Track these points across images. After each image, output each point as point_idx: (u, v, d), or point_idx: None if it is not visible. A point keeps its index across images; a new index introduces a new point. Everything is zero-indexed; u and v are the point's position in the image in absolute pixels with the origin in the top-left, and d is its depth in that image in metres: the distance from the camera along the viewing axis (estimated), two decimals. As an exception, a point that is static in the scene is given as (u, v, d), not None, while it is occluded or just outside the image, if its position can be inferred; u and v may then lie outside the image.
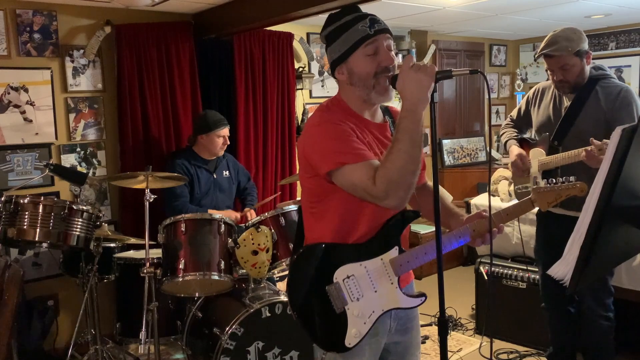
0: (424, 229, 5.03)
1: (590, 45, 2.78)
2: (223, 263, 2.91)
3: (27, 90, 3.57)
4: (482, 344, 3.63)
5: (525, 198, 1.77)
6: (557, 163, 2.62)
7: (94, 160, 3.87)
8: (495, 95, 6.56)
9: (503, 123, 3.10)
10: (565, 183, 1.72)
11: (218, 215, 3.03)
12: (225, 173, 3.75)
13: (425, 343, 3.71)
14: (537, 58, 2.69)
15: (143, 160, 3.82)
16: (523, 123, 3.00)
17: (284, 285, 1.81)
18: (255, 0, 3.63)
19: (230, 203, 3.81)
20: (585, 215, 1.19)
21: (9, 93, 3.52)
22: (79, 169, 3.75)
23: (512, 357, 3.50)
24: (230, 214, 3.55)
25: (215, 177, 3.66)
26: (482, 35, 6.18)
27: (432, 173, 1.64)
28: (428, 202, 1.84)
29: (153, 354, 2.95)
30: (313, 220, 1.76)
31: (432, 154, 1.97)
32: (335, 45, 1.70)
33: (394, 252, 1.69)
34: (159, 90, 3.92)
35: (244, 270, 2.98)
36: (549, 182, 1.75)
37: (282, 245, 3.00)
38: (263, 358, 2.87)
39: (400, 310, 1.76)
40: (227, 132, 3.64)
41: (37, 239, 2.74)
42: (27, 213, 2.71)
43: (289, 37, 4.54)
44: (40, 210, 2.71)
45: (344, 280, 1.67)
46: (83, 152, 3.81)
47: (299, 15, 3.52)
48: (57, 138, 3.70)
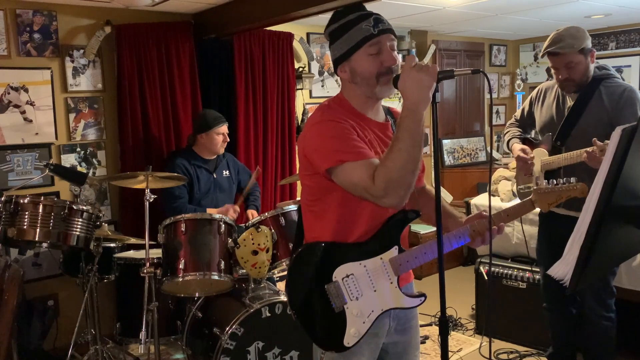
0: (424, 229, 5.03)
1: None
2: (223, 263, 2.91)
3: (27, 90, 3.57)
4: (482, 344, 3.63)
5: (526, 199, 1.77)
6: (559, 163, 2.61)
7: (94, 160, 3.87)
8: (495, 95, 6.56)
9: (507, 123, 3.09)
10: (566, 184, 1.72)
11: (218, 215, 3.03)
12: (225, 173, 3.74)
13: (425, 343, 3.71)
14: (542, 56, 2.67)
15: (143, 160, 3.82)
16: (527, 123, 2.99)
17: (284, 285, 1.80)
18: (255, 0, 3.63)
19: (231, 203, 3.80)
20: (585, 215, 1.19)
21: (9, 93, 3.52)
22: (79, 169, 3.75)
23: (512, 357, 3.50)
24: (228, 208, 3.53)
25: (215, 177, 3.66)
26: (482, 35, 6.18)
27: (432, 173, 1.64)
28: (428, 206, 1.84)
29: (153, 354, 2.95)
30: (313, 219, 1.76)
31: (432, 154, 1.97)
32: (339, 44, 1.70)
33: (394, 251, 1.69)
34: (159, 90, 3.91)
35: (244, 270, 2.98)
36: (550, 182, 1.75)
37: (282, 245, 3.00)
38: (263, 358, 2.87)
39: (400, 310, 1.76)
40: (226, 129, 3.64)
41: (37, 239, 2.74)
42: (27, 213, 2.71)
43: (289, 37, 4.54)
44: (40, 210, 2.71)
45: (343, 279, 1.67)
46: (83, 152, 3.81)
47: (299, 15, 3.52)
48: (57, 138, 3.70)
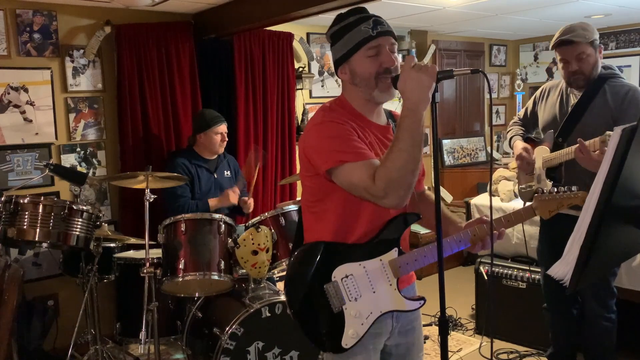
0: (424, 229, 5.03)
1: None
2: (223, 263, 2.92)
3: (27, 90, 3.57)
4: (482, 344, 3.63)
5: (527, 205, 1.79)
6: (560, 159, 2.58)
7: (94, 160, 3.86)
8: (495, 95, 6.56)
9: (510, 122, 3.08)
10: (568, 192, 1.74)
11: (218, 215, 3.03)
12: (227, 173, 3.74)
13: (426, 343, 3.71)
14: (551, 48, 2.65)
15: (143, 160, 3.82)
16: (530, 123, 2.96)
17: (284, 285, 1.80)
18: (255, 0, 3.63)
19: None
20: (585, 215, 1.19)
21: (9, 93, 3.51)
22: (79, 169, 3.75)
23: (512, 357, 3.50)
24: (228, 192, 3.51)
25: (216, 176, 3.65)
26: (482, 35, 6.18)
27: (432, 173, 1.64)
28: (427, 210, 1.84)
29: (153, 354, 2.95)
30: (313, 220, 1.76)
31: (432, 154, 1.97)
32: (339, 45, 1.71)
33: (394, 253, 1.69)
34: (159, 90, 3.91)
35: (244, 270, 2.98)
36: (551, 190, 1.76)
37: (282, 245, 3.00)
38: (263, 358, 2.87)
39: (401, 312, 1.75)
40: (224, 128, 3.63)
41: (37, 239, 2.74)
42: (27, 213, 2.71)
43: (289, 37, 4.54)
44: (40, 210, 2.71)
45: (343, 280, 1.67)
46: (83, 152, 3.81)
47: (299, 15, 3.52)
48: (57, 138, 3.70)
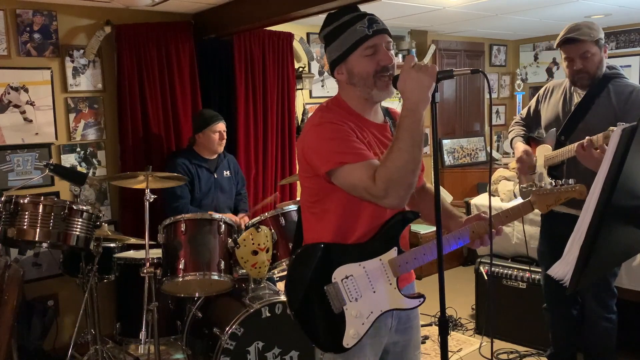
0: (424, 229, 5.03)
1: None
2: (223, 263, 2.91)
3: (27, 90, 3.57)
4: (482, 344, 3.63)
5: (525, 200, 1.77)
6: (562, 156, 2.57)
7: (94, 160, 3.86)
8: (495, 95, 6.56)
9: (512, 121, 3.06)
10: (565, 185, 1.73)
11: (218, 215, 3.03)
12: (226, 173, 3.73)
13: (425, 343, 3.71)
14: (556, 47, 2.65)
15: (143, 160, 3.82)
16: (533, 122, 2.95)
17: (284, 286, 1.80)
18: (255, 0, 3.63)
19: (231, 204, 3.79)
20: (585, 215, 1.19)
21: (9, 93, 3.51)
22: (79, 169, 3.75)
23: (512, 357, 3.50)
24: (232, 217, 3.52)
25: (216, 176, 3.65)
26: (482, 35, 6.18)
27: (432, 173, 1.64)
28: (428, 205, 1.84)
29: (153, 354, 2.95)
30: (313, 221, 1.76)
31: (432, 154, 1.97)
32: (334, 46, 1.70)
33: (393, 252, 1.69)
34: (159, 90, 3.91)
35: (244, 270, 2.98)
36: (550, 184, 1.76)
37: (282, 245, 3.00)
38: (263, 358, 2.87)
39: (401, 310, 1.76)
40: (222, 127, 3.63)
41: (37, 239, 2.74)
42: (27, 213, 2.71)
43: (289, 37, 4.53)
44: (40, 210, 2.71)
45: (343, 280, 1.67)
46: (83, 152, 3.81)
47: (299, 15, 3.52)
48: (57, 138, 3.70)
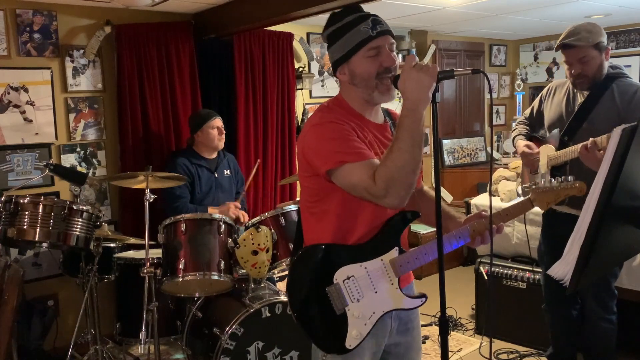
0: (424, 229, 5.03)
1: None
2: (223, 263, 2.91)
3: (27, 90, 3.57)
4: (482, 344, 3.63)
5: (525, 198, 1.77)
6: (565, 157, 2.56)
7: (94, 160, 3.86)
8: (495, 95, 6.55)
9: (516, 121, 3.05)
10: (564, 182, 1.72)
11: (218, 215, 3.03)
12: (227, 172, 3.74)
13: (425, 343, 3.71)
14: (556, 50, 2.65)
15: (143, 160, 3.82)
16: (536, 122, 2.94)
17: (284, 285, 1.80)
18: (255, 0, 3.63)
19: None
20: (585, 215, 1.19)
21: (9, 93, 3.51)
22: (79, 169, 3.75)
23: (512, 357, 3.50)
24: (229, 206, 3.51)
25: (217, 176, 3.65)
26: (482, 35, 6.18)
27: (432, 173, 1.64)
28: (427, 207, 1.84)
29: (153, 354, 2.95)
30: (312, 221, 1.76)
31: (432, 154, 1.97)
32: (337, 46, 1.70)
33: (394, 252, 1.69)
34: (159, 90, 3.91)
35: (244, 270, 2.98)
36: (550, 181, 1.75)
37: (282, 245, 3.00)
38: (263, 358, 2.87)
39: (401, 311, 1.76)
40: (219, 122, 3.63)
41: (37, 239, 2.73)
42: (27, 213, 2.70)
43: (289, 37, 4.54)
44: (40, 210, 2.71)
45: (344, 281, 1.67)
46: (83, 152, 3.81)
47: (299, 15, 3.52)
48: (57, 138, 3.70)
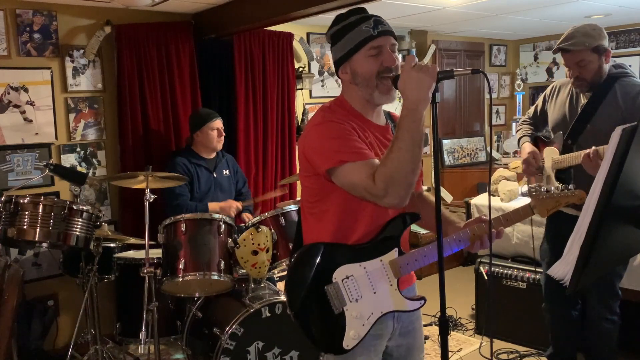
0: (424, 230, 5.02)
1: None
2: (223, 263, 2.91)
3: (27, 90, 3.57)
4: (482, 344, 3.63)
5: (525, 204, 1.78)
6: (570, 162, 2.54)
7: (94, 160, 3.86)
8: (495, 95, 6.56)
9: (517, 120, 3.04)
10: (565, 190, 1.75)
11: (218, 216, 3.03)
12: (225, 172, 3.74)
13: (426, 343, 3.71)
14: (554, 53, 2.65)
15: (143, 160, 3.82)
16: (539, 121, 2.93)
17: (284, 286, 1.80)
18: (255, 0, 3.63)
19: (231, 202, 3.79)
20: (585, 215, 1.20)
21: (9, 93, 3.51)
22: (79, 169, 3.75)
23: (512, 357, 3.50)
24: (231, 204, 3.52)
25: (216, 176, 3.65)
26: (482, 35, 6.18)
27: (432, 173, 1.64)
28: (426, 211, 1.84)
29: (153, 354, 2.95)
30: (312, 220, 1.76)
31: (432, 154, 1.97)
32: (339, 45, 1.71)
33: (394, 253, 1.69)
34: (159, 90, 3.91)
35: (244, 270, 2.98)
36: (549, 189, 1.77)
37: (282, 245, 3.00)
38: (263, 358, 2.87)
39: (403, 313, 1.76)
40: (219, 124, 3.63)
41: (37, 239, 2.73)
42: (27, 213, 2.70)
43: (289, 37, 4.53)
44: (40, 210, 2.71)
45: (343, 281, 1.67)
46: (83, 152, 3.81)
47: (299, 15, 3.52)
48: (57, 138, 3.70)
